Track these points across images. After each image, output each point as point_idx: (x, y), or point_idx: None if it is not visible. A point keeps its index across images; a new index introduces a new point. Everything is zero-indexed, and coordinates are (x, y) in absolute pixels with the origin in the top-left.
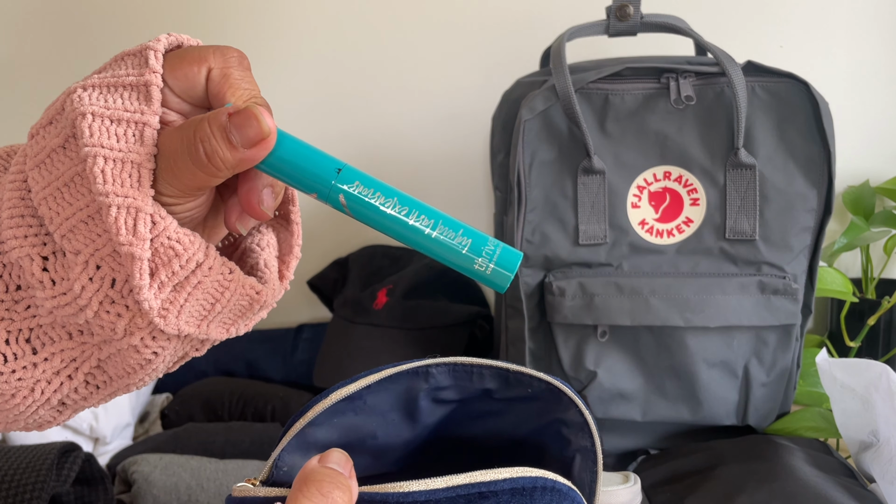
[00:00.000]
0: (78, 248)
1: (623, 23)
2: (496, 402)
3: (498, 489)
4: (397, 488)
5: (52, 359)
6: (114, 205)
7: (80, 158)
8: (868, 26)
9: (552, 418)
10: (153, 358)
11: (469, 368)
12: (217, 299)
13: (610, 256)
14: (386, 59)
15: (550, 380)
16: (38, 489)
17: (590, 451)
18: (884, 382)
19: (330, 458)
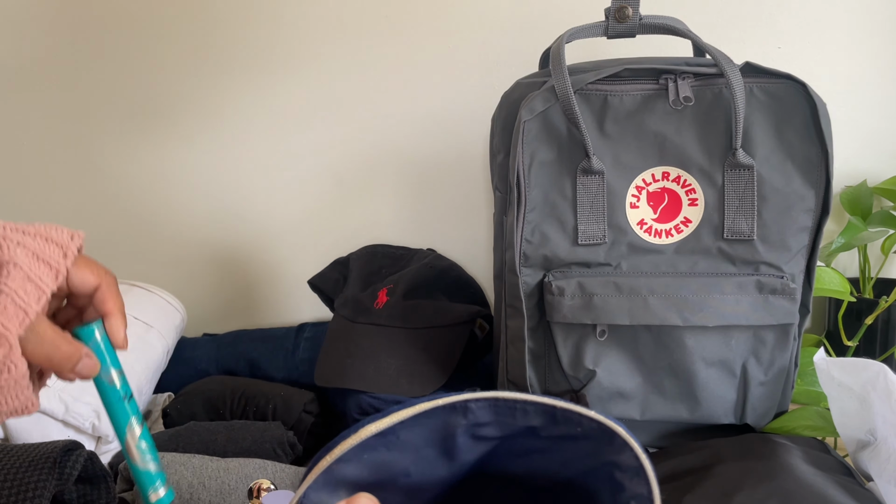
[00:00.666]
0: None
1: (622, 24)
2: (542, 439)
3: None
4: None
5: None
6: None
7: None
8: (866, 27)
9: (604, 460)
10: None
11: (512, 404)
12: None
13: (609, 256)
14: (386, 59)
15: (602, 419)
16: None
17: (646, 500)
18: (881, 381)
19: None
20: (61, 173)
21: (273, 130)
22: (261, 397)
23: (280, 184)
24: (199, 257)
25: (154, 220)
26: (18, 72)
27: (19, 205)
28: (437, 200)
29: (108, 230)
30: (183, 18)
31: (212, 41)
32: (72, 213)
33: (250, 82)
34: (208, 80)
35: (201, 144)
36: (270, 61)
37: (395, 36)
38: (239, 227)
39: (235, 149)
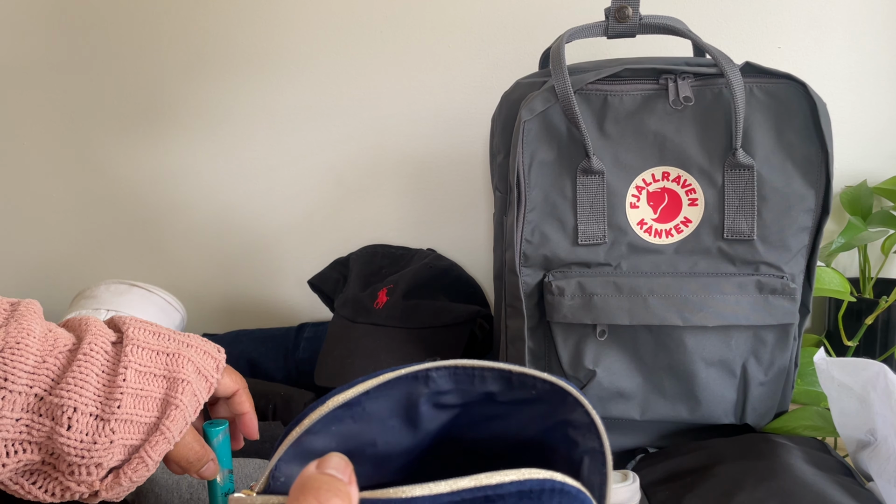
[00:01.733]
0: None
1: (622, 24)
2: (500, 405)
3: (504, 492)
4: (400, 493)
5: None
6: (165, 434)
7: (173, 405)
8: (866, 27)
9: (558, 420)
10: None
11: (471, 371)
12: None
13: (609, 256)
14: (386, 59)
15: (555, 380)
16: None
17: (598, 453)
18: (881, 381)
19: (328, 464)
20: (62, 173)
21: (273, 130)
22: (261, 397)
23: (280, 184)
24: (199, 257)
25: (154, 220)
26: (19, 71)
27: (20, 205)
28: (437, 200)
29: (108, 230)
30: (184, 19)
31: (212, 41)
32: (72, 212)
33: (251, 82)
34: (208, 80)
35: (201, 144)
36: (270, 62)
37: (395, 36)
38: (239, 226)
39: (236, 149)
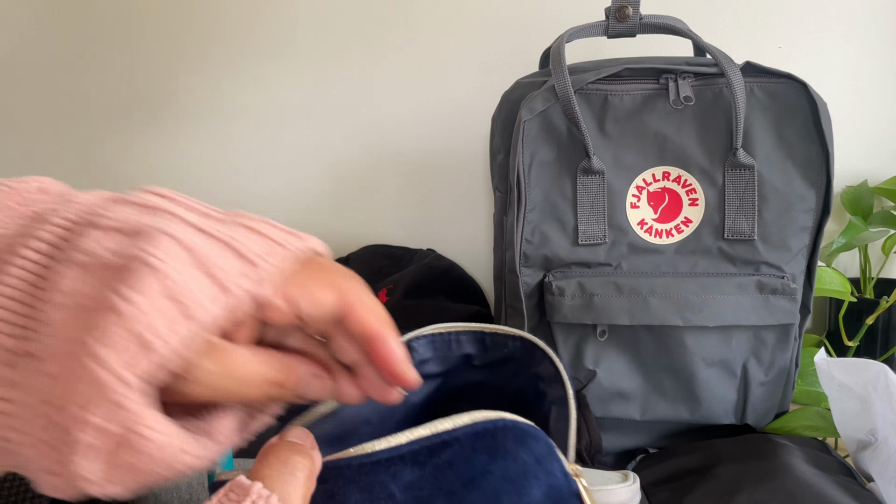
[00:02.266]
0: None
1: (622, 24)
2: (477, 370)
3: (459, 434)
4: (362, 450)
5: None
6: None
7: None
8: (866, 27)
9: (529, 374)
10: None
11: (447, 336)
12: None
13: (609, 256)
14: (386, 59)
15: (524, 335)
16: None
17: (562, 400)
18: (882, 382)
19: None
20: (57, 171)
21: (273, 130)
22: None
23: (280, 183)
24: None
25: None
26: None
27: None
28: (437, 200)
29: None
30: (183, 17)
31: (212, 41)
32: None
33: (250, 82)
34: (207, 79)
35: (200, 144)
36: (270, 61)
37: (395, 36)
38: None
39: (235, 149)
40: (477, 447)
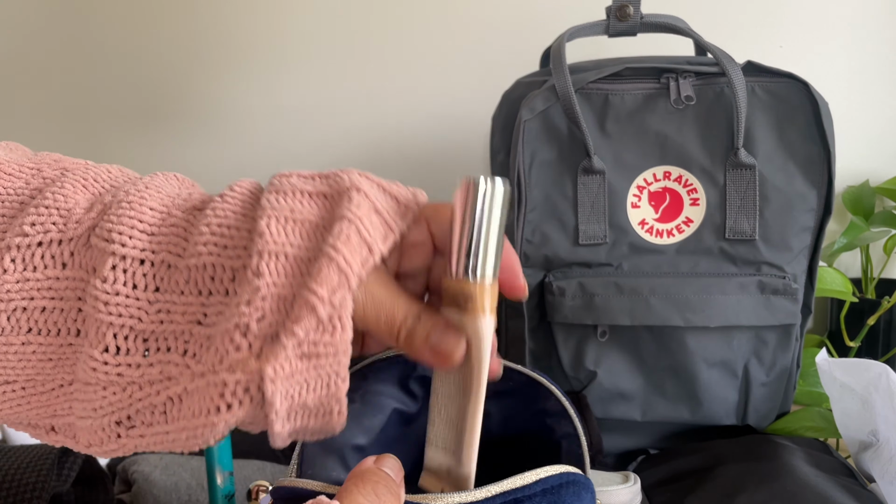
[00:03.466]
0: (263, 272)
1: (623, 23)
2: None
3: (531, 493)
4: (441, 500)
5: (155, 366)
6: (335, 262)
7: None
8: (868, 26)
9: (535, 409)
10: (224, 410)
11: None
12: (314, 390)
13: (610, 256)
14: (386, 58)
15: (527, 371)
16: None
17: (573, 436)
18: (883, 382)
19: (385, 463)
20: None
21: (273, 129)
22: None
23: None
24: None
25: None
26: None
27: None
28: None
29: None
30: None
31: (212, 41)
32: None
33: (250, 82)
34: (207, 79)
35: (200, 144)
36: (269, 61)
37: (395, 35)
38: None
39: (235, 149)
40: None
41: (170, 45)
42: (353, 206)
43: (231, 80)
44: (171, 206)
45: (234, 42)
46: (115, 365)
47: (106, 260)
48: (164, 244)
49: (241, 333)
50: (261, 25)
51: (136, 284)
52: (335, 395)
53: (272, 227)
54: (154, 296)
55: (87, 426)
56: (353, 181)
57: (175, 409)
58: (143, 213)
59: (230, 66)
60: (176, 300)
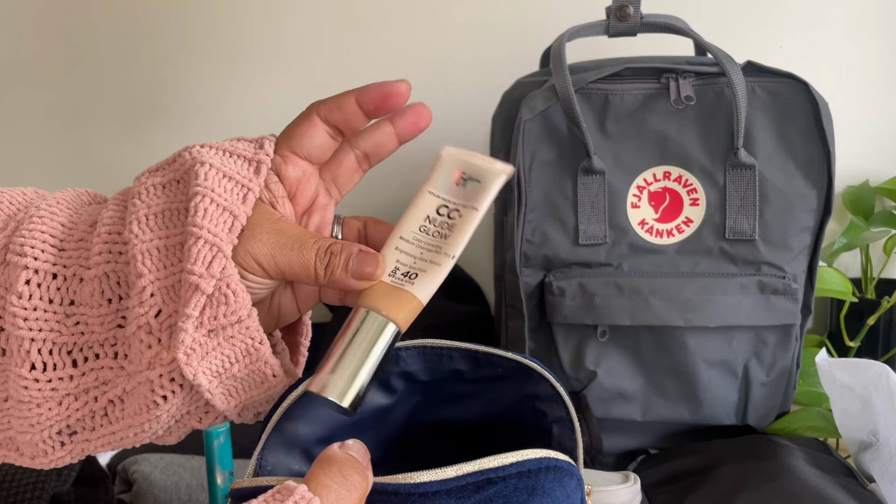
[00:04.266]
0: (141, 272)
1: (623, 23)
2: (468, 382)
3: (505, 474)
4: (409, 479)
5: (88, 374)
6: (202, 238)
7: (185, 196)
8: (868, 26)
9: (525, 394)
10: (161, 402)
11: (439, 351)
12: (237, 360)
13: (610, 256)
14: (385, 58)
15: (519, 358)
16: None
17: (566, 421)
18: (883, 382)
19: (350, 447)
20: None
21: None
22: None
23: None
24: None
25: None
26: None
27: None
28: None
29: None
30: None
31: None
32: None
33: (249, 82)
34: (206, 78)
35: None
36: (269, 61)
37: (395, 35)
38: None
39: None
40: (519, 486)
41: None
42: (200, 181)
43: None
44: (79, 222)
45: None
46: (46, 381)
47: (20, 274)
48: (73, 258)
49: (145, 332)
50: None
51: (51, 299)
52: (260, 358)
53: (134, 228)
54: (70, 309)
55: (28, 440)
56: (195, 157)
57: (118, 410)
58: (53, 228)
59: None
60: (90, 312)
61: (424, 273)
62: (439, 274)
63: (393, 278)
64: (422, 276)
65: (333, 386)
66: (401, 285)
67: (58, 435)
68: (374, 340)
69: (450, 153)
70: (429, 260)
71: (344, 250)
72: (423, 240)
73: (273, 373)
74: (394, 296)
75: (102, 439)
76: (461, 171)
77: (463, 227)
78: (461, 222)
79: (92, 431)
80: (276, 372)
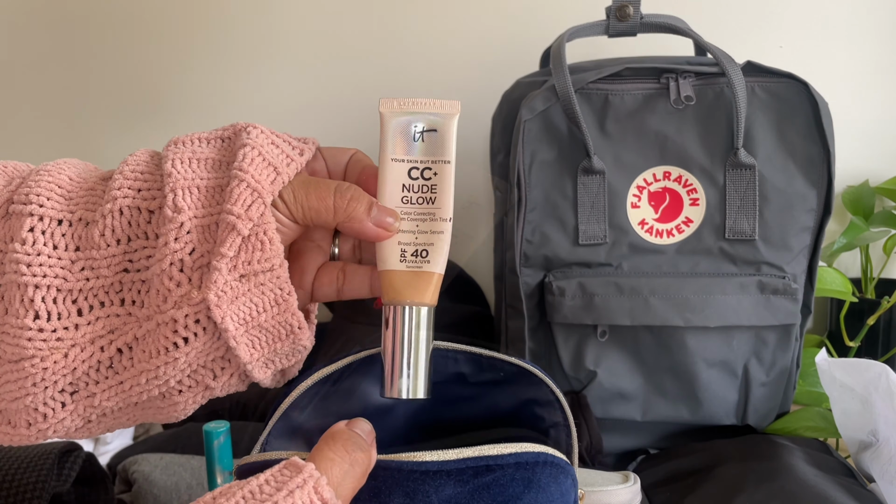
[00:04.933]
0: (181, 207)
1: (623, 23)
2: (470, 386)
3: (504, 463)
4: (412, 457)
5: (94, 323)
6: (245, 181)
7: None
8: (868, 26)
9: (524, 399)
10: (181, 344)
11: (444, 353)
12: (265, 310)
13: (610, 256)
14: (385, 58)
15: (520, 363)
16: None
17: (563, 426)
18: (883, 382)
19: (357, 425)
20: None
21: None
22: (259, 398)
23: None
24: None
25: None
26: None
27: None
28: None
29: None
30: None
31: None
32: None
33: (249, 82)
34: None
35: None
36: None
37: (394, 35)
38: None
39: None
40: (516, 476)
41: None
42: (251, 138)
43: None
44: (88, 178)
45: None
46: (51, 331)
47: (24, 222)
48: (80, 204)
49: (177, 269)
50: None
51: (56, 245)
52: (287, 308)
53: (178, 166)
54: (75, 255)
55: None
56: (247, 124)
57: (125, 359)
58: (60, 180)
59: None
60: (97, 255)
61: (433, 246)
62: (445, 241)
63: (405, 263)
64: (431, 250)
65: (407, 387)
66: (418, 268)
67: (60, 394)
68: (418, 331)
69: (390, 109)
70: (429, 231)
71: (366, 195)
72: (412, 211)
73: (299, 324)
74: (416, 281)
75: (109, 391)
76: (413, 126)
77: (444, 185)
78: (440, 181)
79: (97, 385)
80: (302, 325)
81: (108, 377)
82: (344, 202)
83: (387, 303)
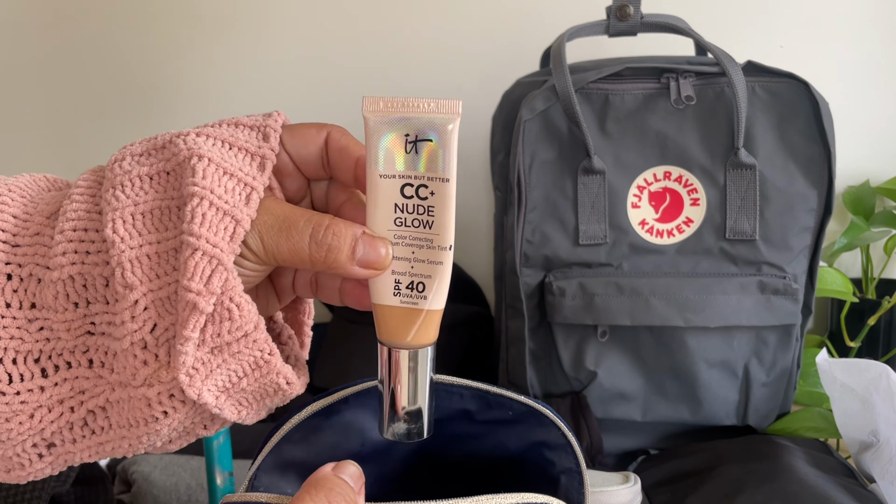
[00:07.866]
0: (132, 283)
1: (623, 23)
2: (477, 424)
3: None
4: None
5: (61, 385)
6: (200, 249)
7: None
8: (868, 26)
9: (534, 441)
10: (161, 417)
11: (448, 388)
12: (246, 374)
13: (610, 256)
14: (385, 58)
15: (531, 403)
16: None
17: (575, 473)
18: (884, 382)
19: (344, 470)
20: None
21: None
22: None
23: None
24: None
25: None
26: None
27: None
28: None
29: None
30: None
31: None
32: None
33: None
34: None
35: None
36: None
37: (394, 35)
38: None
39: None
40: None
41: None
42: (198, 179)
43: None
44: (35, 213)
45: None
46: (14, 394)
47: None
48: (29, 256)
49: (140, 348)
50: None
51: (8, 302)
52: (271, 370)
53: (120, 230)
54: (31, 313)
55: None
56: (191, 148)
57: (101, 420)
58: (4, 222)
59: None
60: (54, 317)
61: (430, 279)
62: (446, 273)
63: (400, 297)
64: (429, 283)
65: (406, 429)
66: (414, 305)
67: (33, 448)
68: (416, 373)
69: (375, 111)
70: (426, 260)
71: (348, 231)
72: (406, 235)
73: (287, 381)
74: (412, 321)
75: (89, 450)
76: (404, 133)
77: (442, 206)
78: (437, 201)
79: (73, 443)
80: (291, 379)
81: (86, 436)
82: (322, 253)
83: (381, 342)
